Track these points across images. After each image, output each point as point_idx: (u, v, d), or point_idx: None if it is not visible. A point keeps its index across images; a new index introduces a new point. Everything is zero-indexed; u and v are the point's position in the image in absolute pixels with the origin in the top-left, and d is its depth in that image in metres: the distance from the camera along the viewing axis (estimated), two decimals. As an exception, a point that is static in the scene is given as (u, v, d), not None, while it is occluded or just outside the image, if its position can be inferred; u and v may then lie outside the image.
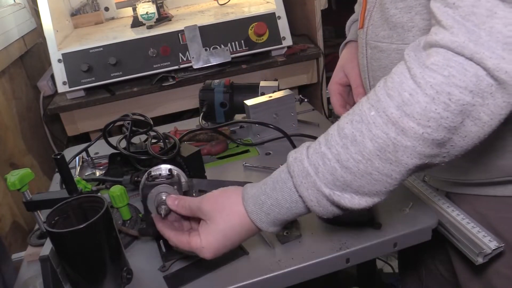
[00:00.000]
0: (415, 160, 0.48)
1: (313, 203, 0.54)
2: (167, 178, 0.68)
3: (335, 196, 0.53)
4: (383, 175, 0.50)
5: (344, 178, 0.51)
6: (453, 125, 0.46)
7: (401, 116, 0.47)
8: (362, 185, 0.52)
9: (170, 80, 1.48)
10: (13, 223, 1.07)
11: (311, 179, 0.53)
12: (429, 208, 0.75)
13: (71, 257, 0.64)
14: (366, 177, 0.51)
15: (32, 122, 1.47)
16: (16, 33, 1.47)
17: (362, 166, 0.50)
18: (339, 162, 0.51)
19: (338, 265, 0.69)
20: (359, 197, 0.53)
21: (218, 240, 0.59)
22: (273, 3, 1.56)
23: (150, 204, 0.67)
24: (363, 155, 0.50)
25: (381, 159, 0.49)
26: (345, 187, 0.52)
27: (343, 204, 0.53)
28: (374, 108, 0.49)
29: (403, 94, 0.47)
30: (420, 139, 0.47)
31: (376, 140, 0.48)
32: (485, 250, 0.66)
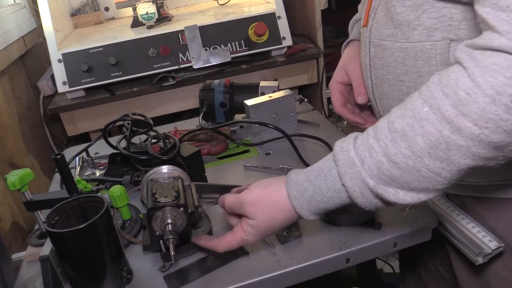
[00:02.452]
0: (468, 160, 0.47)
1: (356, 193, 0.54)
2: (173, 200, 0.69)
3: (380, 189, 0.52)
4: (432, 172, 0.49)
5: (391, 173, 0.51)
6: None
7: (457, 115, 0.45)
8: (408, 181, 0.51)
9: (170, 80, 1.48)
10: (13, 223, 1.07)
11: (356, 169, 0.52)
12: (429, 208, 0.75)
13: (71, 257, 0.64)
14: (414, 173, 0.50)
15: (32, 122, 1.47)
16: (16, 33, 1.47)
17: (411, 162, 0.49)
18: (387, 156, 0.50)
19: (338, 265, 0.69)
20: (404, 192, 0.52)
21: (261, 230, 0.61)
22: (273, 3, 1.56)
23: (155, 224, 0.69)
24: (413, 151, 0.49)
25: (432, 157, 0.48)
26: (390, 181, 0.51)
27: (387, 198, 0.52)
28: (428, 104, 0.47)
29: (459, 93, 0.45)
30: (476, 140, 0.45)
31: (428, 137, 0.47)
32: (485, 250, 0.66)
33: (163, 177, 0.79)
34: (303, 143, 1.02)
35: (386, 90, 0.70)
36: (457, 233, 0.71)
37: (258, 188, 0.63)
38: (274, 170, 0.94)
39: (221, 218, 0.80)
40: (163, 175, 0.79)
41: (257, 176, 0.93)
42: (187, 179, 0.80)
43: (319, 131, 1.06)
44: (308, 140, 1.03)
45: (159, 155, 0.90)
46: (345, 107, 0.85)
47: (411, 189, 0.51)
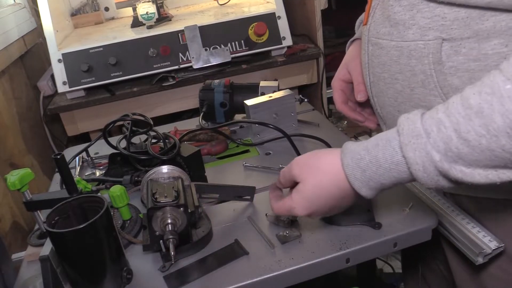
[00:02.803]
0: None
1: (418, 166, 0.51)
2: (173, 200, 0.69)
3: (445, 165, 0.49)
4: (508, 153, 0.46)
5: (459, 150, 0.48)
6: None
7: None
8: (478, 160, 0.48)
9: (170, 80, 1.48)
10: (13, 223, 1.07)
11: (422, 140, 0.50)
12: (429, 208, 0.75)
13: (71, 257, 0.64)
14: (486, 153, 0.47)
15: (32, 122, 1.47)
16: (16, 33, 1.47)
17: (485, 141, 0.46)
18: (457, 132, 0.48)
19: (338, 265, 0.69)
20: (471, 170, 0.49)
21: (308, 197, 0.60)
22: (273, 3, 1.56)
23: (155, 224, 0.69)
24: (488, 130, 0.46)
25: (510, 137, 0.45)
26: (457, 159, 0.49)
27: (453, 175, 0.50)
28: (511, 82, 0.45)
29: None
30: None
31: (509, 115, 0.44)
32: (485, 250, 0.66)
33: (163, 177, 0.79)
34: (303, 143, 1.02)
35: (382, 88, 0.71)
36: (457, 233, 0.71)
37: (309, 153, 0.62)
38: (274, 170, 0.94)
39: (221, 218, 0.80)
40: (163, 175, 0.79)
41: (257, 176, 0.93)
42: (187, 179, 0.80)
43: (319, 131, 1.06)
44: (308, 140, 1.03)
45: (159, 155, 0.90)
46: (346, 105, 0.85)
47: (479, 166, 0.49)
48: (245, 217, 0.80)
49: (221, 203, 0.85)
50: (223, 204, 0.85)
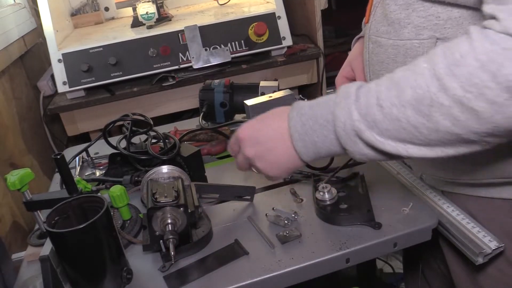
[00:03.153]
0: (447, 122, 0.48)
1: (340, 123, 0.55)
2: (173, 200, 0.69)
3: (362, 125, 0.54)
4: (411, 126, 0.51)
5: (375, 116, 0.53)
6: (497, 99, 0.45)
7: (448, 75, 0.47)
8: (388, 129, 0.52)
9: (170, 80, 1.48)
10: (13, 223, 1.07)
11: (349, 101, 0.55)
12: (429, 208, 0.75)
13: (71, 257, 0.64)
14: (396, 123, 0.52)
15: (32, 122, 1.47)
16: (16, 33, 1.47)
17: (395, 110, 0.51)
18: (377, 99, 0.53)
19: (338, 265, 0.69)
20: (383, 139, 0.53)
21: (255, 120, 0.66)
22: (273, 3, 1.56)
23: (155, 224, 0.69)
24: (400, 100, 0.51)
25: (414, 109, 0.50)
26: (373, 125, 0.53)
27: (366, 138, 0.54)
28: (428, 61, 0.50)
29: (455, 54, 0.47)
30: (458, 102, 0.47)
31: (417, 89, 0.49)
32: (485, 250, 0.66)
33: (163, 177, 0.79)
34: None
35: None
36: (457, 233, 0.71)
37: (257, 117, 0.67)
38: (274, 170, 0.94)
39: (221, 218, 0.80)
40: (163, 175, 0.79)
41: (257, 176, 0.93)
42: (187, 179, 0.80)
43: (319, 131, 1.06)
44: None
45: (159, 155, 0.90)
46: None
47: (390, 137, 0.53)
48: (245, 217, 0.80)
49: (221, 203, 0.85)
50: (223, 204, 0.85)
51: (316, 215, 0.77)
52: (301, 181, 0.89)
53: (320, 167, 0.91)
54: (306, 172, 0.90)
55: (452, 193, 0.77)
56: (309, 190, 0.84)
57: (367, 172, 0.85)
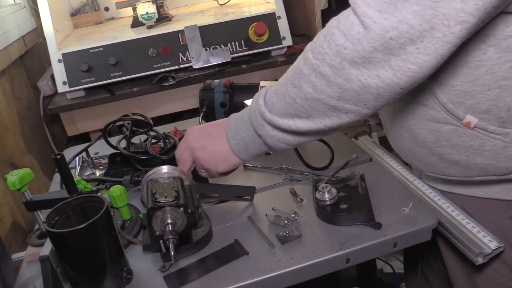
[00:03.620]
0: (310, 89, 0.59)
1: (251, 111, 0.67)
2: (173, 200, 0.69)
3: (263, 108, 0.65)
4: (290, 98, 0.62)
5: (272, 98, 0.64)
6: (333, 63, 0.55)
7: (308, 50, 0.58)
8: (280, 107, 0.63)
9: (170, 80, 1.48)
10: (13, 223, 1.07)
11: (260, 93, 0.67)
12: (429, 208, 0.75)
13: (71, 257, 0.64)
14: (282, 99, 0.63)
15: (32, 122, 1.47)
16: (16, 33, 1.47)
17: (283, 88, 0.63)
18: (277, 85, 0.65)
19: (338, 265, 0.69)
20: (278, 119, 0.64)
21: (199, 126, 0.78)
22: (273, 3, 1.56)
23: (155, 224, 0.69)
24: (285, 79, 0.63)
25: (291, 84, 0.61)
26: (272, 108, 0.64)
27: (267, 118, 0.65)
28: (307, 51, 0.59)
29: (319, 35, 0.57)
30: (312, 70, 0.57)
31: (293, 68, 0.62)
32: (485, 250, 0.66)
33: (163, 177, 0.79)
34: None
35: None
36: (457, 233, 0.71)
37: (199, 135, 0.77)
38: (274, 170, 0.94)
39: (221, 218, 0.80)
40: (163, 175, 0.79)
41: (257, 176, 0.94)
42: (187, 179, 0.80)
43: (319, 131, 1.06)
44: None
45: (159, 155, 0.90)
46: None
47: (283, 115, 0.63)
48: (245, 217, 0.80)
49: (221, 203, 0.85)
50: (223, 204, 0.85)
51: (316, 215, 0.77)
52: (301, 181, 0.89)
53: (320, 167, 0.91)
54: (306, 172, 0.90)
55: (450, 193, 0.77)
56: (309, 190, 0.84)
57: (367, 172, 0.85)
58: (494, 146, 0.64)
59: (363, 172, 0.85)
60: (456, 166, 0.69)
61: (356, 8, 0.52)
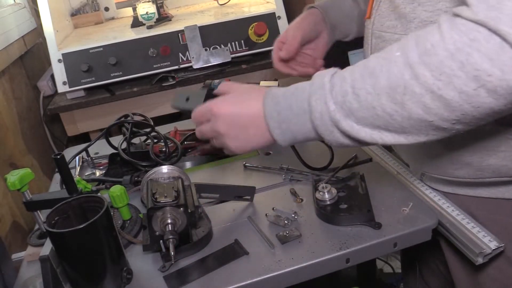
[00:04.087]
0: (419, 110, 0.49)
1: (317, 114, 0.56)
2: (173, 200, 0.69)
3: (337, 115, 0.55)
4: (386, 113, 0.52)
5: (351, 105, 0.54)
6: (465, 89, 0.46)
7: (419, 63, 0.48)
8: (364, 117, 0.54)
9: (170, 80, 1.48)
10: (13, 223, 1.07)
11: (324, 92, 0.56)
12: (429, 208, 0.75)
13: (71, 257, 0.64)
14: (371, 110, 0.53)
15: (32, 122, 1.47)
16: (16, 33, 1.47)
17: (370, 98, 0.52)
18: (353, 88, 0.54)
19: (338, 265, 0.69)
20: (360, 127, 0.55)
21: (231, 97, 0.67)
22: (273, 3, 1.56)
23: (155, 224, 0.69)
24: (375, 89, 0.52)
25: (389, 97, 0.51)
26: (349, 114, 0.55)
27: (342, 128, 0.56)
28: (401, 50, 0.51)
29: (426, 44, 0.48)
30: (429, 90, 0.48)
31: (391, 77, 0.51)
32: (485, 250, 0.66)
33: (163, 177, 0.79)
34: (303, 143, 1.02)
35: None
36: (457, 233, 0.71)
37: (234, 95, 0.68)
38: (274, 170, 0.94)
39: (221, 218, 0.80)
40: (163, 175, 0.79)
41: (257, 176, 0.93)
42: (187, 179, 0.80)
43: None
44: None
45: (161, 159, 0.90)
46: (280, 62, 0.92)
47: (366, 125, 0.55)
48: (245, 217, 0.80)
49: (221, 203, 0.85)
50: (223, 204, 0.85)
51: (316, 215, 0.77)
52: (301, 181, 0.89)
53: (320, 167, 0.91)
54: (306, 172, 0.90)
55: (453, 194, 0.77)
56: (309, 190, 0.84)
57: (367, 172, 0.85)
58: (510, 146, 0.63)
59: (363, 172, 0.85)
60: (467, 168, 0.69)
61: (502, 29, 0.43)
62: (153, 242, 0.70)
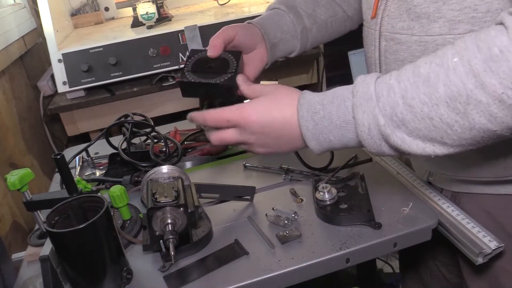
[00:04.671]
0: (483, 120, 0.47)
1: (364, 128, 0.53)
2: (173, 200, 0.69)
3: (388, 129, 0.52)
4: (445, 123, 0.49)
5: (403, 116, 0.50)
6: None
7: (485, 70, 0.45)
8: (418, 128, 0.50)
9: (170, 80, 1.48)
10: (13, 223, 1.07)
11: (371, 104, 0.52)
12: (429, 208, 0.75)
13: (71, 257, 0.64)
14: (426, 121, 0.49)
15: (32, 122, 1.47)
16: (16, 33, 1.47)
17: (426, 108, 0.49)
18: (403, 98, 0.50)
19: (338, 265, 0.69)
20: (411, 140, 0.52)
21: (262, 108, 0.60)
22: (273, 3, 1.56)
23: (155, 224, 0.69)
24: (431, 98, 0.48)
25: (449, 107, 0.48)
26: (400, 125, 0.51)
27: (393, 141, 0.52)
28: (459, 55, 0.47)
29: (493, 49, 0.44)
30: (497, 99, 0.45)
31: (451, 86, 0.47)
32: (485, 250, 0.66)
33: (163, 177, 0.79)
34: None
35: None
36: (457, 233, 0.71)
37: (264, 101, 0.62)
38: (274, 170, 0.94)
39: (221, 218, 0.80)
40: (163, 175, 0.79)
41: (257, 176, 0.93)
42: (187, 179, 0.80)
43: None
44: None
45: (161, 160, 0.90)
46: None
47: (419, 136, 0.51)
48: (245, 217, 0.80)
49: (221, 203, 0.85)
50: (223, 204, 0.85)
51: (316, 215, 0.77)
52: (301, 181, 0.89)
53: (320, 167, 0.91)
54: (306, 172, 0.90)
55: (465, 194, 0.75)
56: (309, 190, 0.84)
57: (367, 172, 0.85)
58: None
59: (363, 172, 0.85)
60: (492, 168, 0.67)
61: None
62: (153, 242, 0.70)
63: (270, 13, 0.86)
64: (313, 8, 0.87)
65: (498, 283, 0.74)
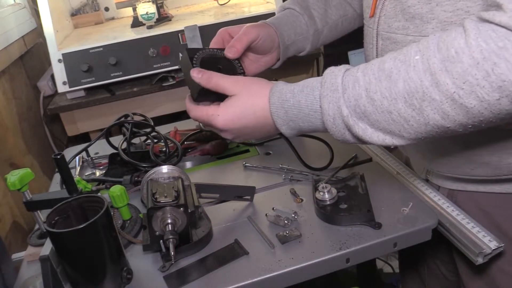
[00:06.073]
0: (437, 116, 0.49)
1: (329, 117, 0.56)
2: (173, 200, 0.69)
3: (351, 120, 0.54)
4: (402, 118, 0.51)
5: (365, 108, 0.53)
6: (488, 98, 0.45)
7: (441, 70, 0.47)
8: (379, 121, 0.53)
9: (170, 80, 1.48)
10: (13, 223, 1.07)
11: (336, 94, 0.55)
12: (429, 208, 0.75)
13: (71, 257, 0.64)
14: (386, 114, 0.52)
15: (32, 122, 1.47)
16: (16, 33, 1.47)
17: (386, 102, 0.52)
18: (367, 91, 0.53)
19: (338, 265, 0.69)
20: (372, 131, 0.55)
21: (235, 112, 0.63)
22: (273, 3, 1.56)
23: (155, 224, 0.69)
24: (391, 93, 0.51)
25: (406, 102, 0.50)
26: (363, 116, 0.54)
27: (355, 132, 0.55)
28: (421, 54, 0.49)
29: (451, 50, 0.46)
30: (449, 98, 0.47)
31: (409, 83, 0.49)
32: (485, 250, 0.66)
33: (163, 177, 0.79)
34: (303, 143, 1.02)
35: None
36: (457, 233, 0.71)
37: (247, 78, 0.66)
38: (274, 170, 0.94)
39: (221, 218, 0.80)
40: (163, 175, 0.79)
41: (257, 176, 0.94)
42: (187, 179, 0.80)
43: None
44: (307, 139, 1.03)
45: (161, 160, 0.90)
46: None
47: (380, 128, 0.54)
48: (245, 217, 0.80)
49: (221, 203, 0.85)
50: (223, 204, 0.85)
51: (316, 215, 0.77)
52: (301, 181, 0.89)
53: (320, 167, 0.91)
54: (306, 172, 0.90)
55: (461, 192, 0.75)
56: (309, 190, 0.84)
57: (367, 172, 0.85)
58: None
59: (363, 172, 0.85)
60: (485, 167, 0.68)
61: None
62: (153, 242, 0.70)
63: (285, 14, 0.86)
64: (325, 8, 0.88)
65: (494, 283, 0.75)
